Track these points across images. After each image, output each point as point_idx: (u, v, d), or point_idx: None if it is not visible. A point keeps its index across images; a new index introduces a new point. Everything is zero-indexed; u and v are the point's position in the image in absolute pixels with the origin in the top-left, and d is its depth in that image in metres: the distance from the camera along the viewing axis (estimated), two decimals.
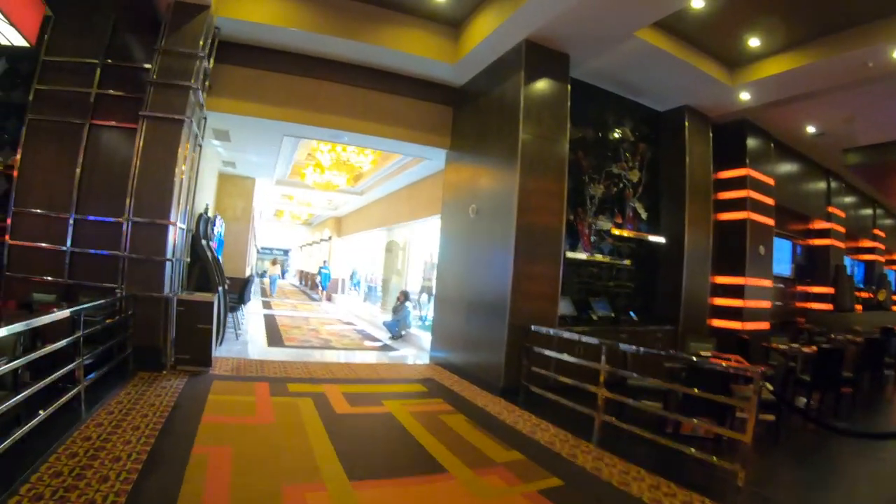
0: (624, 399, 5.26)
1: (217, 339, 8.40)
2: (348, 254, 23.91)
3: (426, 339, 10.77)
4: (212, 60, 7.63)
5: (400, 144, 9.44)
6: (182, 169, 6.84)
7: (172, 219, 6.69)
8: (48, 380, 4.17)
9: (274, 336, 10.61)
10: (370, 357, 9.47)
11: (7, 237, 7.04)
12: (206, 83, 7.67)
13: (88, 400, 4.87)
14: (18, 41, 6.56)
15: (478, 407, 6.32)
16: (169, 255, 6.66)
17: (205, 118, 8.24)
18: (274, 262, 28.41)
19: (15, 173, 7.26)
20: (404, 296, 12.27)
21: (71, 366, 4.68)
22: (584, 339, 5.94)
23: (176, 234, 6.80)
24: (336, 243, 24.18)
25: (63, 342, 4.52)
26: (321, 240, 27.04)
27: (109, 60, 7.32)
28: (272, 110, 8.43)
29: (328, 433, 4.87)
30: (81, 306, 5.06)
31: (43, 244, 7.10)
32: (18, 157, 7.26)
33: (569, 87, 7.65)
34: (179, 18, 7.07)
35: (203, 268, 8.29)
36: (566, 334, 6.42)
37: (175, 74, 6.94)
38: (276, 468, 3.99)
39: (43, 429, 3.94)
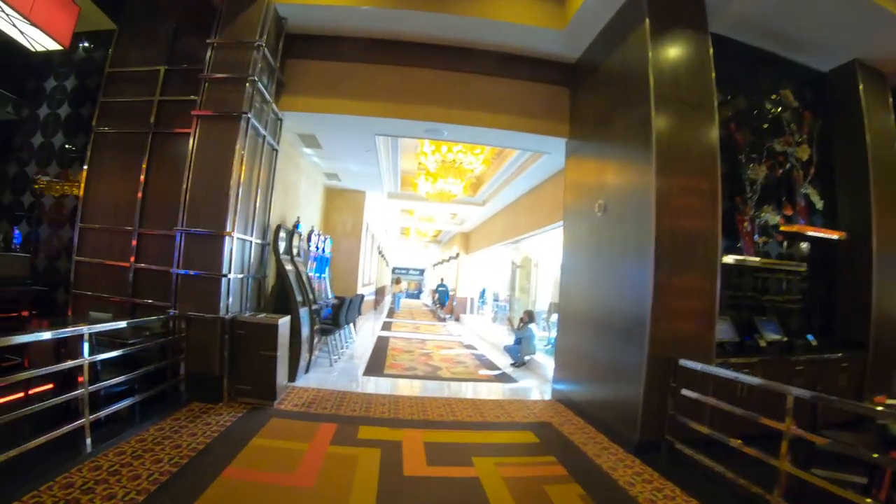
0: (814, 478, 3.50)
1: (305, 364, 7.68)
2: (476, 271, 22.93)
3: (549, 365, 9.31)
4: (278, 55, 7.08)
5: (509, 136, 8.16)
6: (240, 171, 6.15)
7: (229, 229, 6.00)
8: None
9: (375, 362, 9.73)
10: (480, 390, 8.20)
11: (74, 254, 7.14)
12: (274, 79, 7.14)
13: (111, 433, 4.54)
14: (52, 45, 6.47)
15: (601, 472, 4.77)
16: (225, 271, 5.97)
17: (279, 119, 7.68)
18: (398, 281, 29.50)
19: (81, 188, 7.14)
20: (528, 316, 10.87)
21: (72, 394, 4.13)
22: (754, 381, 4.27)
23: (234, 247, 6.09)
24: (464, 260, 23.32)
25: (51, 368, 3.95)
26: (450, 257, 26.37)
27: (170, 66, 7.17)
28: (355, 105, 7.62)
29: None
30: (92, 327, 4.44)
31: (107, 261, 6.96)
32: (85, 171, 7.13)
33: (709, 39, 5.91)
34: (234, 7, 6.64)
35: (283, 286, 7.57)
36: (729, 373, 4.72)
37: (230, 67, 6.41)
38: None
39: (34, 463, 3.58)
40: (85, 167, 7.15)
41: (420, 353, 11.46)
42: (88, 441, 4.25)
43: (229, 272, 6.03)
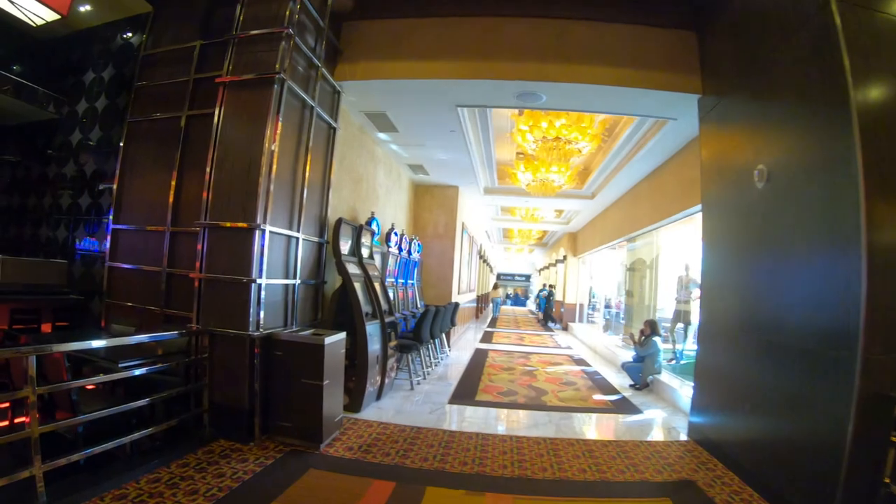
0: None
1: (375, 390, 6.35)
2: (586, 275, 20.86)
3: (683, 391, 7.37)
4: (327, 13, 5.79)
5: (623, 96, 6.38)
6: (275, 147, 4.85)
7: (259, 220, 4.70)
8: None
9: (467, 384, 8.18)
10: (595, 425, 6.43)
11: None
12: (323, 39, 5.89)
13: (88, 482, 3.51)
14: (50, 15, 5.58)
15: None
16: (255, 274, 4.66)
17: (337, 92, 6.42)
18: (496, 287, 28.98)
19: (115, 185, 6.18)
20: (650, 327, 8.89)
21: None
22: None
23: (267, 244, 4.79)
24: (571, 263, 21.32)
25: None
26: (556, 261, 24.41)
27: (206, 41, 6.13)
28: (427, 66, 6.20)
29: None
30: (41, 348, 3.26)
31: (141, 265, 5.94)
32: (118, 165, 6.15)
33: None
34: None
35: (344, 295, 6.24)
36: None
37: (260, 23, 5.14)
38: None
39: None
40: (119, 161, 6.25)
41: (522, 372, 9.77)
42: (43, 494, 3.08)
43: (261, 276, 4.73)
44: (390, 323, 6.95)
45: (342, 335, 5.15)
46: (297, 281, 5.46)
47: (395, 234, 8.98)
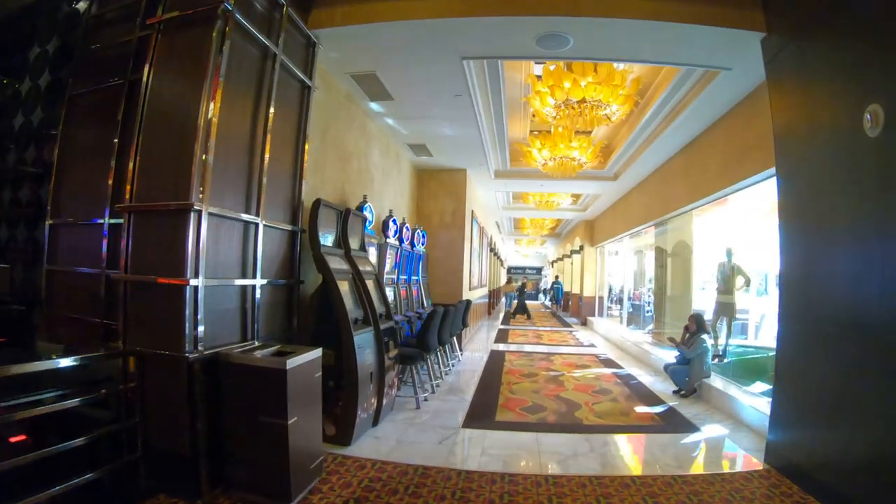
0: None
1: (369, 415, 5.15)
2: (605, 266, 19.54)
3: (744, 399, 6.10)
4: None
5: (665, 39, 5.14)
6: (215, 103, 3.61)
7: (196, 198, 3.45)
8: None
9: (484, 398, 6.91)
10: (646, 453, 5.13)
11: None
12: None
13: None
14: None
15: None
16: (188, 274, 3.41)
17: (313, 44, 5.16)
18: (509, 281, 28.14)
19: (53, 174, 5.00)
20: (696, 323, 7.56)
21: None
22: None
23: (205, 231, 3.53)
24: (588, 254, 19.98)
25: None
26: (571, 251, 23.05)
27: None
28: (423, 2, 4.90)
29: None
30: None
31: (80, 267, 4.79)
32: (57, 148, 4.95)
33: None
34: None
35: (324, 297, 4.98)
36: None
37: None
38: None
39: None
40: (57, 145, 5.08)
41: (546, 378, 8.49)
42: None
43: (197, 275, 3.48)
44: (388, 329, 5.71)
45: (316, 353, 3.89)
46: (259, 281, 4.21)
47: (394, 222, 7.70)
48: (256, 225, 4.18)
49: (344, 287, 5.09)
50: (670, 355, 8.99)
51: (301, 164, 5.04)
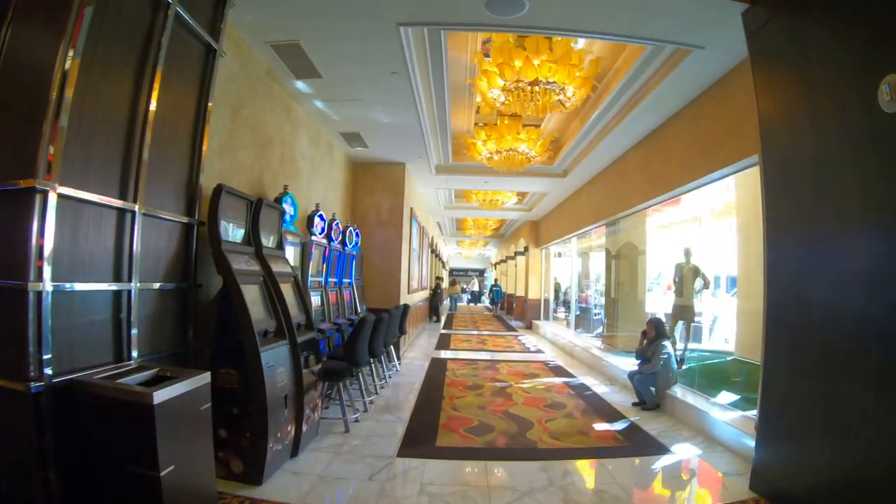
0: None
1: (285, 446, 4.32)
2: (551, 267, 19.19)
3: (709, 410, 5.62)
4: None
5: (633, 3, 4.57)
6: (71, 54, 2.74)
7: (42, 176, 2.59)
8: None
9: (423, 417, 6.14)
10: (613, 482, 4.46)
11: None
12: None
13: None
14: None
15: None
16: (32, 275, 2.54)
17: (221, 1, 4.28)
18: (453, 283, 28.43)
19: None
20: (655, 328, 7.04)
21: None
22: None
23: (55, 217, 2.65)
24: (534, 255, 19.57)
25: None
26: (515, 253, 22.61)
27: None
28: None
29: None
30: None
31: None
32: None
33: None
34: None
35: (223, 304, 4.11)
36: None
37: None
38: None
39: None
40: None
41: (493, 390, 7.81)
42: None
43: (41, 277, 2.61)
44: (309, 341, 4.86)
45: (202, 378, 2.99)
46: (136, 285, 3.33)
47: (321, 217, 6.83)
48: (133, 214, 3.31)
49: (251, 292, 4.22)
50: (625, 362, 8.53)
51: (201, 142, 4.14)
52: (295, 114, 6.87)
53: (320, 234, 6.77)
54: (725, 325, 10.42)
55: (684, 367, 7.85)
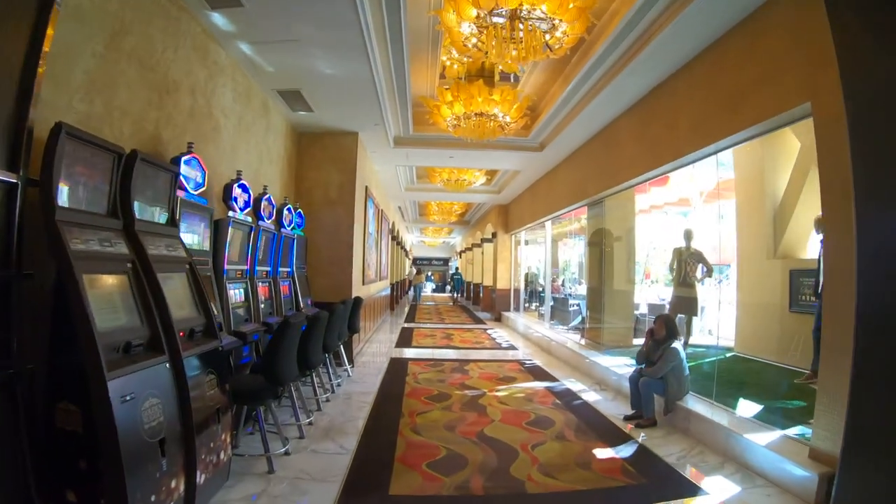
0: None
1: (180, 500, 2.93)
2: (522, 255, 18.08)
3: (737, 428, 4.47)
4: None
5: None
6: None
7: None
8: None
9: (375, 447, 4.77)
10: None
11: None
12: None
13: None
14: None
15: None
16: None
17: None
18: (419, 273, 28.07)
19: None
20: (666, 326, 5.85)
21: None
22: None
23: None
24: (503, 242, 18.40)
25: None
26: (482, 240, 21.38)
27: None
28: None
29: None
30: None
31: None
32: None
33: None
34: None
35: (60, 303, 2.71)
36: None
37: None
38: None
39: None
40: None
41: (463, 402, 6.50)
42: None
43: None
44: (210, 353, 3.51)
45: None
46: None
47: (243, 188, 5.41)
48: None
49: (105, 285, 2.85)
50: (615, 362, 7.44)
51: (34, 62, 2.79)
52: (214, 58, 5.45)
53: (242, 209, 5.36)
54: (709, 315, 9.35)
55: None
